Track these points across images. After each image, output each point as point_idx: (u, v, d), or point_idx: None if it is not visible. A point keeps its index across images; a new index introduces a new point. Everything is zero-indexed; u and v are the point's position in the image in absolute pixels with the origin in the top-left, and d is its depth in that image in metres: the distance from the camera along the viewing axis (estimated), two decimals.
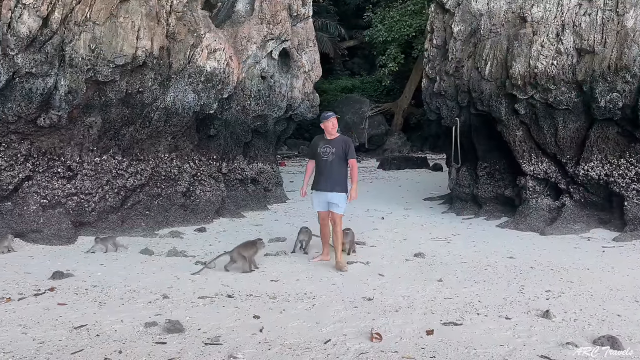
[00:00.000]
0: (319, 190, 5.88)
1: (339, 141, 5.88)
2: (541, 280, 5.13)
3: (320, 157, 5.83)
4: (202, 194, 9.10)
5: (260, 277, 5.21)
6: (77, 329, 3.62)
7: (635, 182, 7.75)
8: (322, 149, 5.84)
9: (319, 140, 5.98)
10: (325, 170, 5.80)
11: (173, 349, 3.30)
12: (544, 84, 8.13)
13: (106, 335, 3.52)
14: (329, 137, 5.89)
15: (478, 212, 9.80)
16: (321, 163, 5.83)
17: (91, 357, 3.15)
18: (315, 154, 5.89)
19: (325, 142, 5.88)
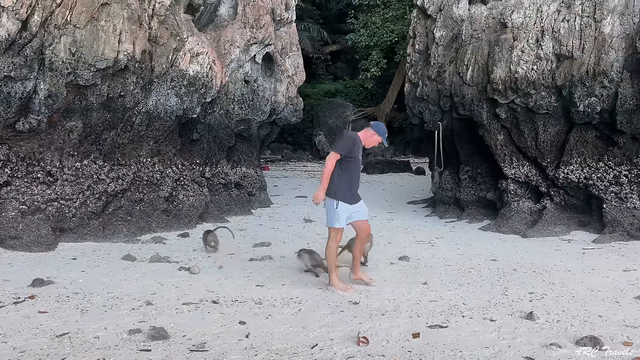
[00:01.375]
0: (354, 203, 4.91)
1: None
2: (524, 282, 5.19)
3: (358, 162, 4.91)
4: (185, 199, 9.02)
5: (246, 283, 5.18)
6: (59, 337, 3.55)
7: (614, 184, 7.90)
8: (360, 155, 4.93)
9: (357, 141, 4.89)
10: (358, 178, 4.99)
11: (158, 356, 3.26)
12: (524, 88, 8.25)
13: (89, 343, 3.46)
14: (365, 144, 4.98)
15: (461, 215, 9.89)
16: (357, 169, 4.92)
17: None
18: (353, 154, 4.82)
19: (361, 145, 4.93)
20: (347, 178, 4.77)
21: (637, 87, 7.46)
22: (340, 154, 4.70)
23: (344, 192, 4.77)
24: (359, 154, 4.88)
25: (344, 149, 4.74)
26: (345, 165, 4.76)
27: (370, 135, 4.93)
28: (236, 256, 6.51)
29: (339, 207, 4.75)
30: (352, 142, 4.81)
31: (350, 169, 4.79)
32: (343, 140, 4.84)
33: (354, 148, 4.79)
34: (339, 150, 4.72)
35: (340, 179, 4.75)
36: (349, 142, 4.80)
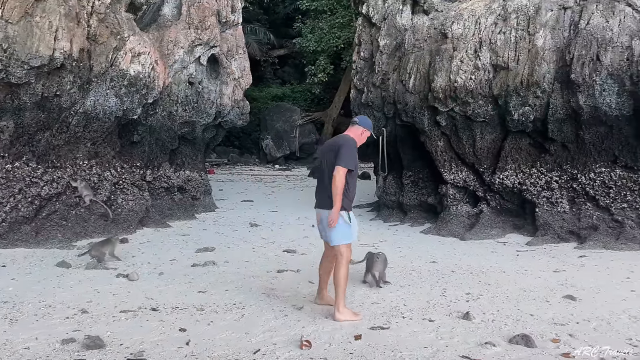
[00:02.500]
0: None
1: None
2: (462, 283, 5.39)
3: (356, 173, 4.42)
4: (124, 203, 8.73)
5: (187, 289, 5.08)
6: None
7: (546, 190, 8.34)
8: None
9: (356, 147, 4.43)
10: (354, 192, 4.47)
11: None
12: (463, 97, 8.58)
13: (18, 354, 3.28)
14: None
15: (403, 219, 10.13)
16: (354, 181, 4.39)
17: None
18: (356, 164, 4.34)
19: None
20: (347, 191, 4.24)
21: (566, 98, 7.92)
22: (350, 169, 4.17)
23: (349, 203, 4.30)
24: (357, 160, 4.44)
25: (353, 162, 4.22)
26: (349, 175, 4.24)
27: (361, 133, 4.45)
28: (178, 262, 6.37)
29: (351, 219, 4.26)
30: (356, 151, 4.32)
31: (352, 177, 4.31)
32: (350, 152, 4.20)
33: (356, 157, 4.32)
34: (349, 166, 4.16)
35: (349, 190, 4.28)
36: (355, 152, 4.27)
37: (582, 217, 7.95)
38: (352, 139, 4.33)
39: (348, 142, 4.25)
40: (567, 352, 3.45)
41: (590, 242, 7.45)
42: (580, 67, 7.58)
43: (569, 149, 8.16)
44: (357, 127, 4.44)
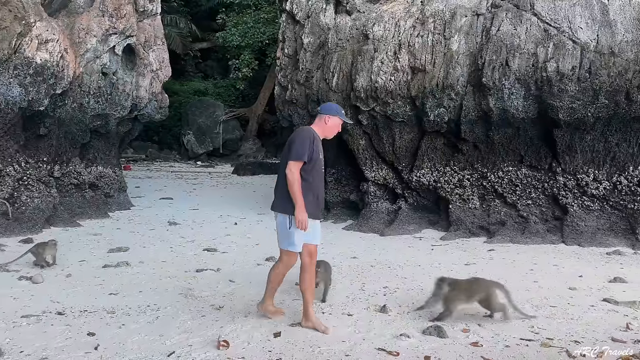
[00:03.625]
0: (318, 219, 3.95)
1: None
2: (380, 277, 5.53)
3: (320, 164, 3.86)
4: (29, 201, 8.12)
5: (98, 291, 4.80)
6: None
7: (458, 187, 8.77)
8: (322, 156, 3.89)
9: (317, 137, 3.85)
10: (322, 184, 3.94)
11: None
12: (383, 97, 8.81)
13: None
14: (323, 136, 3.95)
15: (327, 216, 10.23)
16: (320, 174, 3.87)
17: None
18: (314, 156, 3.78)
19: (321, 144, 3.89)
20: (310, 188, 3.74)
21: (478, 100, 8.36)
22: (302, 160, 3.67)
23: (309, 204, 3.73)
24: (320, 153, 3.81)
25: (305, 153, 3.68)
26: (306, 172, 3.73)
27: (325, 121, 3.86)
28: (88, 263, 6.02)
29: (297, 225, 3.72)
30: (311, 140, 3.72)
31: (312, 175, 3.76)
32: (300, 142, 3.70)
33: (314, 147, 3.73)
34: (299, 157, 3.66)
35: (303, 187, 3.71)
36: (307, 142, 3.70)
37: (491, 213, 8.45)
38: (308, 129, 3.84)
39: (301, 134, 3.76)
40: (475, 341, 3.63)
41: (498, 237, 7.92)
42: (490, 71, 8.02)
43: (480, 149, 8.63)
44: (319, 117, 3.91)
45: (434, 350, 3.41)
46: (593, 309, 4.42)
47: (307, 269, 3.85)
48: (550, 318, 4.17)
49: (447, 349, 3.45)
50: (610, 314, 4.30)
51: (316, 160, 3.76)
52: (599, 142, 7.69)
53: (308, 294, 3.83)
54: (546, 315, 4.25)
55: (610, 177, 7.67)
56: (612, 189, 7.65)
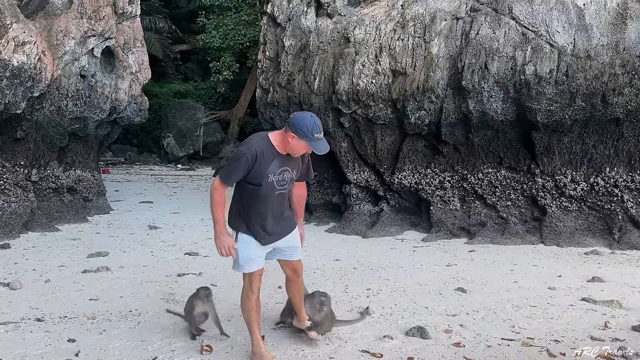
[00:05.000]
0: (269, 244, 3.29)
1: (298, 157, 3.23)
2: (362, 279, 5.55)
3: (270, 188, 3.11)
4: (5, 205, 7.96)
5: (78, 297, 4.73)
6: None
7: (439, 189, 8.85)
8: (278, 175, 3.11)
9: (265, 153, 3.06)
10: (276, 208, 3.22)
11: None
12: (364, 100, 8.85)
13: None
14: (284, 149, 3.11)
15: (309, 219, 10.23)
16: (270, 197, 3.14)
17: None
18: (257, 177, 3.06)
19: (280, 160, 3.10)
20: (253, 208, 3.15)
21: (458, 103, 8.45)
22: (227, 183, 3.06)
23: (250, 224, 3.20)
24: (270, 174, 3.05)
25: (232, 177, 3.05)
26: (249, 193, 3.12)
27: (289, 140, 3.02)
28: (67, 268, 5.91)
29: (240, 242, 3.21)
30: (249, 158, 2.99)
31: (258, 198, 3.11)
32: (235, 161, 3.04)
33: (256, 166, 3.00)
34: (225, 177, 3.06)
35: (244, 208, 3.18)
36: (241, 163, 3.00)
37: (472, 214, 8.55)
38: (257, 141, 3.08)
39: (240, 149, 3.07)
40: (458, 341, 3.67)
41: (479, 238, 8.02)
42: (470, 74, 8.13)
43: (460, 151, 8.73)
44: (285, 129, 3.08)
45: (417, 351, 3.44)
46: (572, 308, 4.50)
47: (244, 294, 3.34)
48: (530, 318, 4.24)
49: (429, 350, 3.48)
50: (589, 313, 4.39)
51: (260, 180, 3.03)
52: (577, 144, 7.85)
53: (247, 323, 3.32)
54: (526, 315, 4.32)
55: (587, 178, 7.83)
56: (589, 189, 7.81)
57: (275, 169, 3.08)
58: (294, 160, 3.17)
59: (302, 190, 3.47)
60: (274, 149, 3.07)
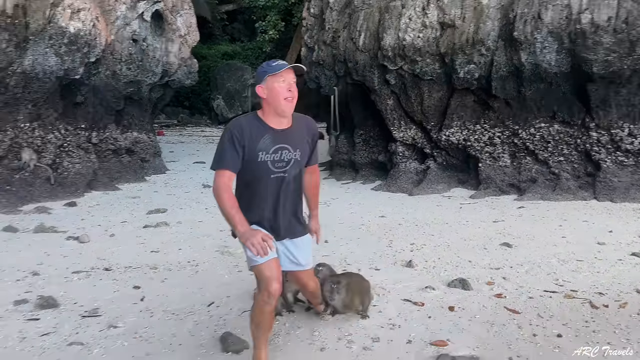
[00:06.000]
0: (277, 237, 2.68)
1: (301, 131, 2.69)
2: (407, 235, 5.65)
3: (263, 169, 2.58)
4: (70, 166, 8.52)
5: (140, 249, 5.10)
6: None
7: (489, 145, 8.70)
8: (273, 153, 2.58)
9: (253, 127, 2.58)
10: (278, 198, 2.65)
11: (47, 324, 3.18)
12: (411, 55, 8.71)
13: None
14: (279, 123, 2.61)
15: (355, 177, 10.36)
16: (267, 183, 2.61)
17: None
18: (250, 162, 2.57)
19: (274, 136, 2.58)
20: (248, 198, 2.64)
21: (509, 55, 8.18)
22: (224, 170, 2.53)
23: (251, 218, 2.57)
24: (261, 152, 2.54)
25: (224, 160, 2.53)
26: (242, 182, 2.66)
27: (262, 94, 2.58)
28: (129, 224, 6.35)
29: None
30: (236, 132, 2.53)
31: (250, 185, 2.63)
32: (219, 145, 2.59)
33: (245, 143, 2.52)
34: (218, 166, 2.56)
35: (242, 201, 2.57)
36: (225, 144, 2.54)
37: (522, 170, 8.39)
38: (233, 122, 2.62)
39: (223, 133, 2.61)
40: (499, 293, 3.75)
41: (528, 194, 7.90)
42: (522, 24, 7.81)
43: (511, 106, 8.50)
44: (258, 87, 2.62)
45: (458, 301, 3.55)
46: (620, 263, 4.45)
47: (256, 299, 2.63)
48: (575, 271, 4.24)
49: (470, 300, 3.58)
50: (638, 267, 4.33)
51: (250, 162, 2.54)
52: (635, 95, 7.47)
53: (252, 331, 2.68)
54: (572, 269, 4.32)
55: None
56: None
57: (268, 146, 2.53)
58: (295, 137, 2.61)
59: (313, 176, 2.88)
60: (263, 123, 2.56)
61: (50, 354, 2.81)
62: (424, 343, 2.91)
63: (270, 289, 2.45)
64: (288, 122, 2.61)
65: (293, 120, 2.63)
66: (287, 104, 2.52)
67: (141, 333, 3.07)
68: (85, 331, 3.09)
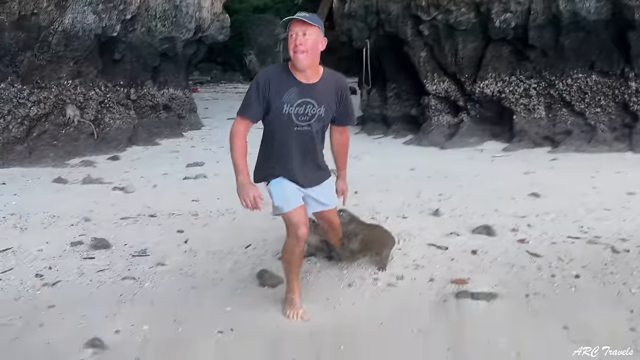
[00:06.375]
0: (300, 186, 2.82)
1: (329, 87, 2.71)
2: (436, 186, 5.76)
3: (287, 122, 2.67)
4: (112, 122, 8.90)
5: (181, 199, 5.42)
6: (2, 252, 3.70)
7: (524, 97, 8.58)
8: (297, 107, 2.65)
9: (280, 79, 2.65)
10: (300, 150, 2.75)
11: (102, 262, 3.52)
12: (445, 5, 8.54)
13: (33, 255, 3.65)
14: (306, 77, 2.64)
15: (387, 132, 10.41)
16: (291, 135, 2.70)
17: (22, 274, 3.30)
18: (275, 113, 2.67)
19: (300, 90, 2.63)
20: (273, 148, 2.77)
21: (547, 3, 7.93)
22: (244, 117, 2.68)
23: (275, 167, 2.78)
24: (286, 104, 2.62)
25: (248, 107, 2.66)
26: (268, 131, 2.78)
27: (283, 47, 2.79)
28: (170, 176, 6.68)
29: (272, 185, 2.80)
30: (262, 82, 2.63)
31: (275, 135, 2.73)
32: (247, 92, 2.71)
33: (271, 94, 2.61)
34: (240, 111, 2.70)
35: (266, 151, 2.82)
36: (254, 86, 2.65)
37: (557, 122, 8.28)
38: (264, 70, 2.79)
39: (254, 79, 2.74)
40: (523, 238, 3.88)
41: (563, 147, 7.84)
42: None
43: (548, 56, 8.31)
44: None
45: (481, 246, 3.71)
46: None
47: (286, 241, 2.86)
48: (601, 220, 4.30)
49: (493, 245, 3.74)
50: None
51: (275, 112, 2.63)
52: None
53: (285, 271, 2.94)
54: (598, 217, 4.38)
55: None
56: None
57: (293, 99, 2.60)
58: (322, 93, 2.64)
59: (342, 136, 2.93)
60: (291, 76, 2.61)
61: (107, 286, 3.15)
62: (446, 281, 3.11)
63: (299, 233, 2.70)
64: (315, 76, 2.64)
65: (322, 76, 2.66)
66: (296, 56, 2.53)
67: (186, 270, 3.39)
68: (136, 268, 3.43)
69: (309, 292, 2.99)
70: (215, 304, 2.88)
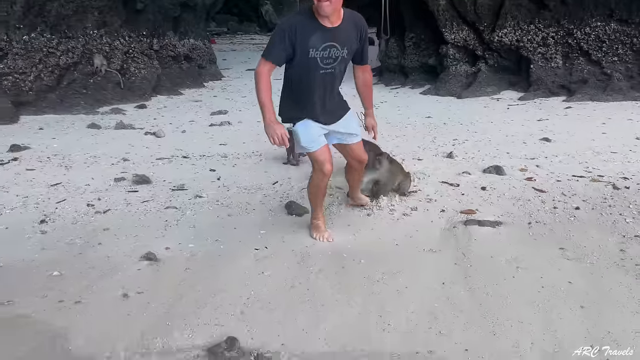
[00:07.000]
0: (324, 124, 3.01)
1: (350, 28, 2.82)
2: (451, 132, 6.02)
3: (313, 66, 2.79)
4: (136, 72, 9.18)
5: (210, 142, 5.76)
6: (54, 186, 4.10)
7: (542, 46, 8.62)
8: (322, 51, 2.76)
9: (305, 24, 2.71)
10: (324, 91, 2.92)
11: (145, 194, 3.90)
12: None
13: (82, 189, 4.04)
14: (329, 22, 2.73)
15: (405, 82, 10.54)
16: (316, 78, 2.84)
17: (74, 204, 3.69)
18: (302, 57, 2.77)
19: (324, 35, 2.73)
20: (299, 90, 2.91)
21: None
22: (268, 59, 2.75)
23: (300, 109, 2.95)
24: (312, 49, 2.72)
25: (272, 52, 2.74)
26: (292, 75, 2.88)
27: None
28: (196, 122, 7.01)
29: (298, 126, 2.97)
30: (287, 28, 2.70)
31: (301, 79, 2.85)
32: (272, 36, 2.79)
33: (296, 39, 2.70)
34: (265, 55, 2.76)
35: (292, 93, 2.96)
36: (277, 37, 2.73)
37: (574, 71, 8.36)
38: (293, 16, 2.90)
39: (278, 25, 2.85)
40: (530, 177, 4.16)
41: (578, 95, 7.95)
42: None
43: (568, 4, 8.29)
44: None
45: (490, 183, 4.00)
46: None
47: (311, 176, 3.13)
48: (607, 161, 4.55)
49: (502, 182, 4.03)
50: None
51: (301, 57, 2.74)
52: None
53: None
54: (604, 159, 4.63)
55: None
56: None
57: (318, 43, 2.72)
58: (344, 35, 2.76)
59: (365, 75, 3.10)
60: (315, 21, 2.70)
61: (152, 214, 3.53)
62: (455, 212, 3.44)
63: (324, 169, 2.97)
64: (337, 19, 2.73)
65: (344, 18, 2.76)
66: (320, 4, 2.61)
67: (222, 201, 3.75)
68: (177, 199, 3.80)
69: (332, 220, 3.34)
70: (250, 228, 3.25)
